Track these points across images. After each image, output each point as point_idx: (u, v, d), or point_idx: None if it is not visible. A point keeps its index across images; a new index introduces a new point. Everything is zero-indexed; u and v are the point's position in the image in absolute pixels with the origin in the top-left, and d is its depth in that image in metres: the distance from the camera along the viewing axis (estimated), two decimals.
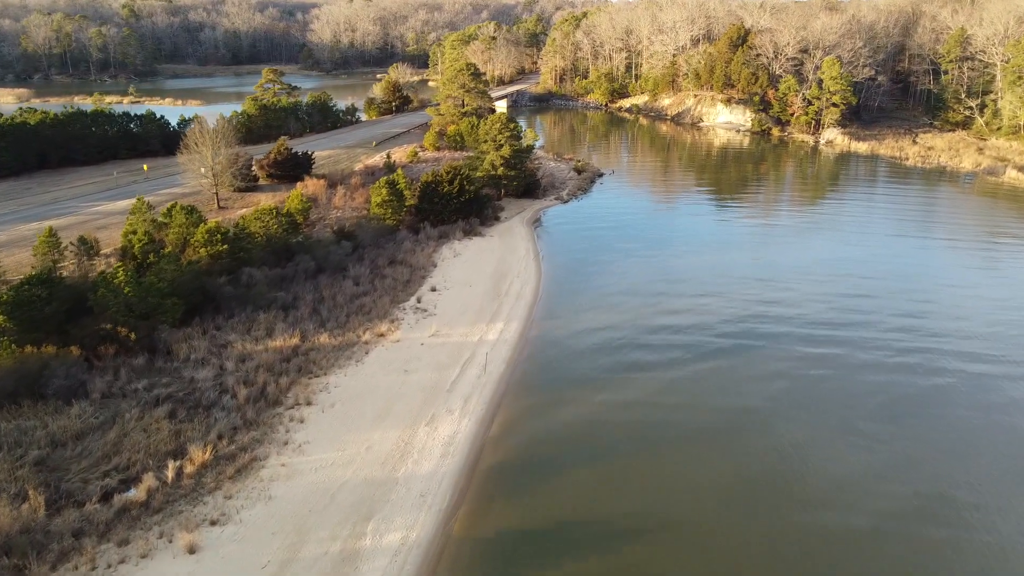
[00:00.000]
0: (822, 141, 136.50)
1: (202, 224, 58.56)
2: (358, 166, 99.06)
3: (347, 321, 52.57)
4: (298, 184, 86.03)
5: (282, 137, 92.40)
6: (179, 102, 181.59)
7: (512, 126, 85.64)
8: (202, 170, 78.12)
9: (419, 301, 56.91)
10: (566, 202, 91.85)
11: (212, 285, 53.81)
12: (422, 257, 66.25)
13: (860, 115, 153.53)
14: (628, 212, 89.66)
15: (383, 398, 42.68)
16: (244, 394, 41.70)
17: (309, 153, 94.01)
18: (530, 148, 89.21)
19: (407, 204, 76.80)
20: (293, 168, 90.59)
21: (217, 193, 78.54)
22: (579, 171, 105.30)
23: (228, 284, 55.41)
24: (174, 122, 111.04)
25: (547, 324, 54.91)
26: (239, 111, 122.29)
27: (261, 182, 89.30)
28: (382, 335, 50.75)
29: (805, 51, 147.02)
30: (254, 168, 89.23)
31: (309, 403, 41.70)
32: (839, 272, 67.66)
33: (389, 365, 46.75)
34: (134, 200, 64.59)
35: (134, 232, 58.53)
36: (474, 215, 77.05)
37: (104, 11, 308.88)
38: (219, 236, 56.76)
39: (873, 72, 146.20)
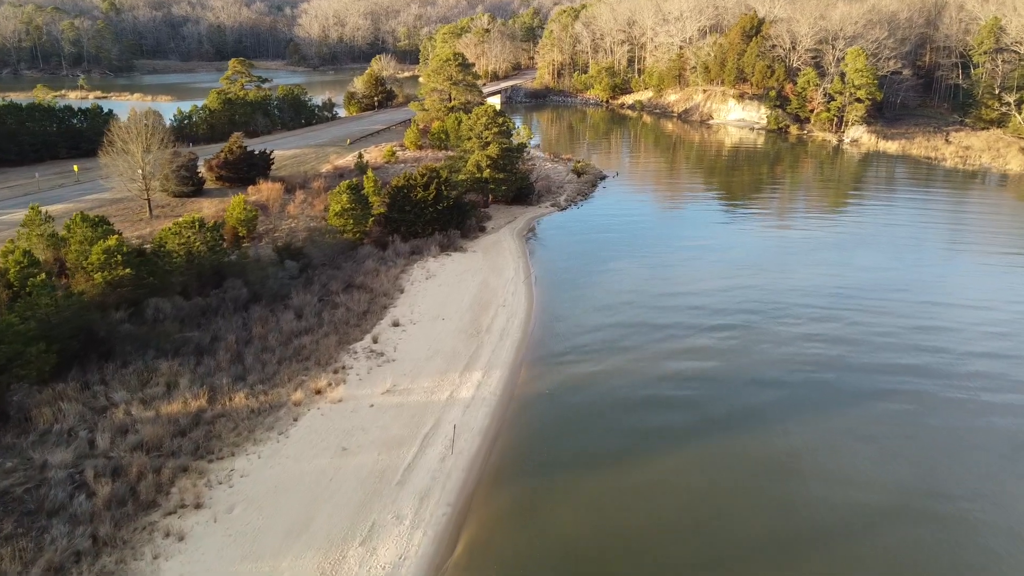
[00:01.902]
0: (846, 140, 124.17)
1: (100, 241, 46.02)
2: (326, 167, 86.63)
3: (277, 372, 40.15)
4: (249, 188, 73.66)
5: (236, 134, 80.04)
6: (148, 97, 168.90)
7: (501, 120, 73.26)
8: (133, 172, 65.56)
9: (375, 341, 44.45)
10: (564, 209, 79.50)
11: (104, 323, 41.38)
12: (387, 280, 53.80)
13: (882, 113, 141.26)
14: (636, 221, 77.30)
15: (306, 497, 30.25)
16: (106, 492, 29.32)
17: (268, 152, 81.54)
18: (522, 147, 76.93)
19: (374, 213, 64.48)
20: (248, 169, 78.05)
21: (149, 200, 65.97)
22: (579, 173, 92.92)
23: (128, 320, 43.03)
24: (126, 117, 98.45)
25: (539, 373, 42.51)
26: (199, 106, 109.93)
27: (209, 186, 76.77)
28: (320, 392, 38.34)
29: (824, 42, 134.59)
30: (201, 170, 76.80)
31: (198, 506, 29.29)
32: (904, 300, 55.37)
33: (322, 440, 34.30)
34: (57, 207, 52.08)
35: (11, 251, 45.98)
36: (454, 226, 64.67)
37: (84, 4, 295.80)
38: (119, 257, 44.27)
39: (900, 65, 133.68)
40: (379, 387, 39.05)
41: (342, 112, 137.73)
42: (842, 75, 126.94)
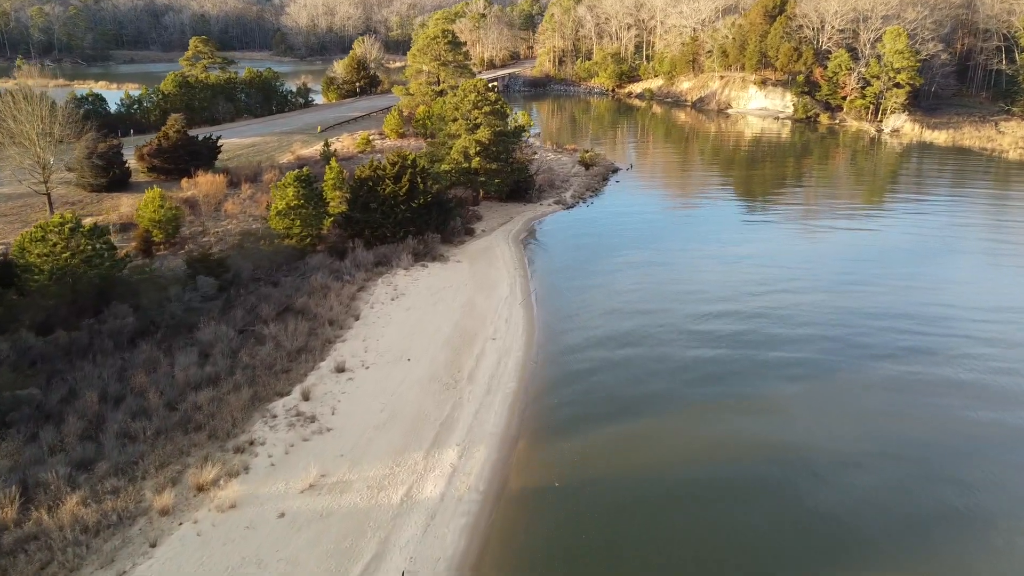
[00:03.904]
0: (886, 129, 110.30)
1: None
2: (286, 158, 72.82)
3: (146, 453, 26.44)
4: (183, 181, 59.97)
5: (174, 115, 66.30)
6: (114, 86, 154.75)
7: (494, 98, 59.46)
8: (26, 163, 51.78)
9: (306, 398, 30.71)
10: (571, 207, 65.77)
11: None
12: (337, 302, 40.03)
13: (918, 101, 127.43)
14: (659, 223, 63.66)
15: None
16: None
17: (214, 139, 67.78)
18: (520, 131, 63.12)
19: (332, 213, 50.80)
20: (190, 159, 64.26)
21: (49, 195, 52.16)
22: (587, 165, 79.13)
23: None
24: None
25: (544, 451, 28.82)
26: (151, 90, 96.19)
27: (140, 178, 63.03)
28: (203, 490, 24.66)
29: (856, 21, 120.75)
30: (130, 159, 63.17)
31: None
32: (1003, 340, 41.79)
33: None
34: None
35: None
36: (433, 228, 50.95)
37: None
38: None
39: (941, 47, 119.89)
40: (298, 480, 25.36)
41: (320, 99, 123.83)
42: (878, 58, 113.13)
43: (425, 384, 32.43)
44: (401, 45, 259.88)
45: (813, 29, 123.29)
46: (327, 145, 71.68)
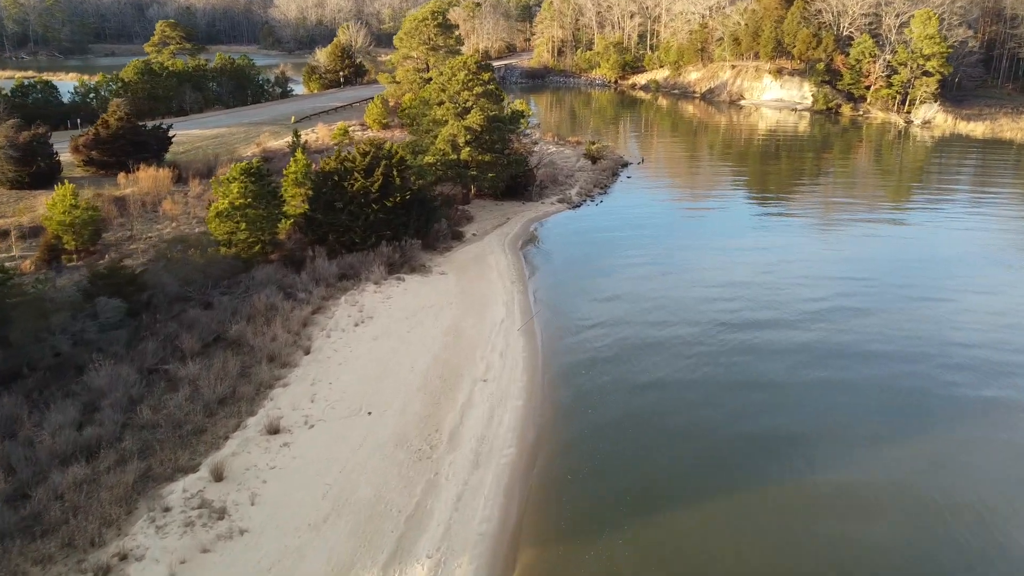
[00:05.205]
0: (916, 121, 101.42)
1: None
2: (251, 150, 63.83)
3: None
4: (121, 176, 50.97)
5: (115, 100, 57.40)
6: (85, 77, 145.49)
7: (488, 77, 50.42)
8: None
9: (218, 477, 21.65)
10: (576, 206, 56.83)
11: None
12: (284, 330, 30.95)
13: (944, 92, 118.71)
14: (682, 226, 54.82)
15: None
16: None
17: (164, 128, 58.75)
18: (518, 116, 54.04)
19: (291, 214, 41.80)
20: (135, 151, 55.28)
21: None
22: (594, 159, 70.15)
23: None
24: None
25: (558, 558, 19.85)
26: (109, 77, 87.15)
27: (76, 172, 54.07)
28: None
29: (880, 4, 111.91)
30: (62, 151, 54.22)
31: None
32: None
33: None
34: None
35: None
36: (412, 233, 41.91)
37: None
38: None
39: (970, 33, 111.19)
40: None
41: (302, 90, 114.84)
42: (905, 43, 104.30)
43: (390, 452, 23.44)
44: (393, 38, 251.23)
45: (833, 13, 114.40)
46: (297, 136, 62.53)
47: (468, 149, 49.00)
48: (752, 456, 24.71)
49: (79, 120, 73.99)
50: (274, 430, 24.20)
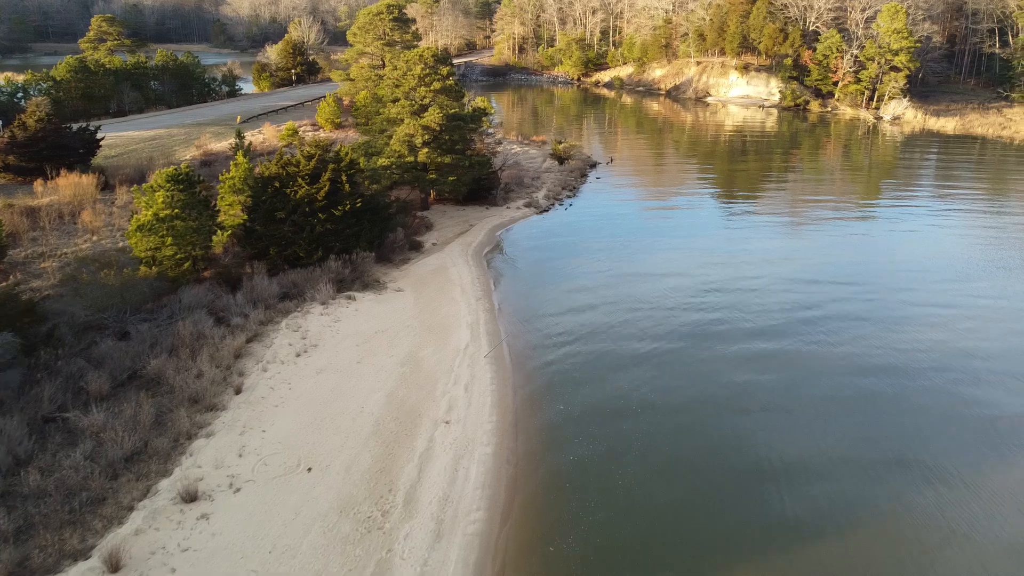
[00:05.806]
0: (886, 117, 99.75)
1: None
2: (190, 153, 58.79)
3: None
4: (37, 184, 45.83)
5: (36, 99, 52.17)
6: (21, 76, 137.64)
7: (446, 72, 46.27)
8: None
9: (114, 567, 17.25)
10: (544, 211, 53.02)
11: None
12: (212, 364, 26.54)
13: (909, 88, 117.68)
14: (661, 229, 51.29)
15: None
16: None
17: (91, 129, 53.50)
18: (480, 114, 49.96)
19: (228, 225, 37.29)
20: (57, 154, 50.09)
21: None
22: (560, 159, 66.47)
23: None
24: None
25: None
26: (37, 75, 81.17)
27: None
28: None
29: None
30: None
31: None
32: None
33: None
34: None
35: None
36: (364, 244, 37.67)
37: None
38: None
39: (936, 28, 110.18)
40: None
41: (252, 88, 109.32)
42: (873, 38, 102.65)
43: (332, 522, 19.26)
44: (347, 33, 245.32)
45: (800, 8, 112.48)
46: (240, 137, 57.46)
47: (426, 150, 44.79)
48: (751, 504, 21.10)
49: (1, 123, 68.03)
50: (191, 497, 19.85)
